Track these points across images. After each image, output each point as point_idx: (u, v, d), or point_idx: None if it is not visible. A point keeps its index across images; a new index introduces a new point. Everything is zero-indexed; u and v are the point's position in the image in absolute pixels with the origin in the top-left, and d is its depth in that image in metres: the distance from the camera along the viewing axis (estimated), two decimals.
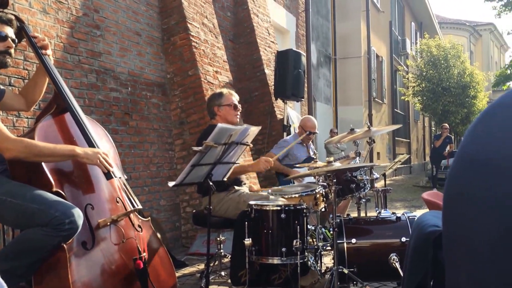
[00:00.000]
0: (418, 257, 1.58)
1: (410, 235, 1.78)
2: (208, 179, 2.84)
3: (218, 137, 2.72)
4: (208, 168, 2.85)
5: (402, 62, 20.39)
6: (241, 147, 2.97)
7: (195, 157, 2.71)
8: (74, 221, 2.34)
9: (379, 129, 3.90)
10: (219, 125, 2.68)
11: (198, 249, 5.21)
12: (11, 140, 2.34)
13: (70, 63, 4.35)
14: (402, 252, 3.31)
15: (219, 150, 2.80)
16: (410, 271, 1.60)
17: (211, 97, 4.05)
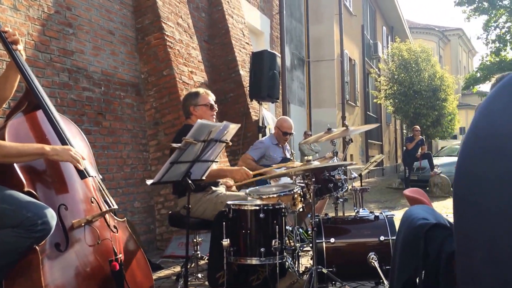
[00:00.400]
0: (409, 250, 1.57)
1: (399, 229, 1.77)
2: (186, 177, 2.78)
3: (198, 133, 2.67)
4: (187, 166, 2.79)
5: (374, 66, 20.66)
6: (220, 145, 2.93)
7: (174, 154, 2.65)
8: (47, 222, 2.26)
9: (357, 129, 3.91)
10: (199, 121, 2.64)
11: (173, 252, 5.13)
12: None
13: (42, 62, 4.23)
14: (381, 251, 3.34)
15: (198, 148, 2.75)
16: (401, 265, 1.58)
17: (187, 97, 3.99)
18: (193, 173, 2.83)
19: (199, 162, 2.85)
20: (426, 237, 1.51)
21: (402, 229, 1.70)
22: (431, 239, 1.48)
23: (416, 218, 1.58)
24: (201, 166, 2.94)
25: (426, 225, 1.50)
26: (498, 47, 19.37)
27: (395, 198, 11.50)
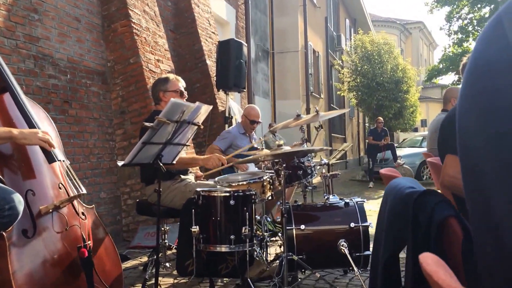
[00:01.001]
0: (397, 221, 1.55)
1: (382, 201, 1.75)
2: (157, 160, 2.74)
3: (171, 112, 2.63)
4: (159, 148, 2.75)
5: (337, 58, 20.86)
6: (191, 127, 2.90)
7: (146, 134, 2.61)
8: (14, 207, 2.20)
9: (328, 114, 3.92)
10: (172, 99, 2.59)
11: (139, 242, 5.08)
12: None
13: (7, 48, 4.09)
14: (351, 238, 3.34)
15: (170, 129, 2.71)
16: (388, 238, 1.57)
17: (156, 82, 3.94)
18: (164, 156, 2.80)
19: (171, 145, 2.82)
20: (415, 205, 1.49)
21: (387, 200, 1.68)
22: (420, 207, 1.45)
23: (404, 187, 1.57)
24: (172, 149, 2.91)
25: (414, 193, 1.48)
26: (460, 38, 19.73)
27: (359, 190, 11.67)
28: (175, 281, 3.78)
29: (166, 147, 2.80)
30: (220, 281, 3.73)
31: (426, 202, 1.45)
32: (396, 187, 1.64)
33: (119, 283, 2.85)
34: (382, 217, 1.69)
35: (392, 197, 1.63)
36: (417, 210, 1.47)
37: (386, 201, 1.69)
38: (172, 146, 2.86)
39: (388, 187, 1.74)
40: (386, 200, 1.71)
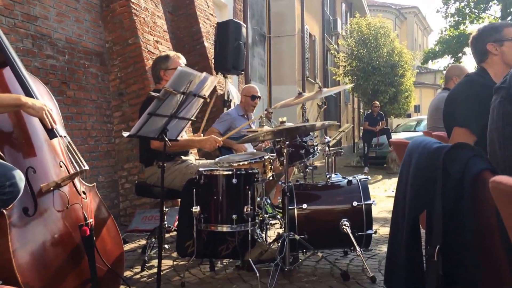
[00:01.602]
0: (424, 178, 1.47)
1: (404, 161, 1.67)
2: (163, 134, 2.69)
3: (178, 82, 2.56)
4: (164, 121, 2.70)
5: (333, 42, 20.72)
6: (197, 100, 2.83)
7: (152, 104, 2.55)
8: (15, 184, 2.15)
9: (330, 90, 3.85)
10: (179, 68, 2.53)
11: (137, 226, 5.05)
12: None
13: (5, 27, 4.00)
14: (353, 217, 3.31)
15: (176, 101, 2.64)
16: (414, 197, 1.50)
17: (156, 60, 3.87)
18: (169, 130, 2.75)
19: (176, 118, 2.76)
20: (445, 159, 1.42)
21: (411, 158, 1.59)
22: (452, 161, 1.39)
23: (431, 142, 1.50)
24: (177, 124, 2.85)
25: (444, 146, 1.42)
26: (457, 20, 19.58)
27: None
28: (174, 262, 3.76)
29: (171, 121, 2.74)
30: (219, 263, 3.71)
31: (458, 156, 1.39)
32: (422, 143, 1.56)
33: (121, 263, 2.83)
34: (405, 177, 1.61)
35: (418, 153, 1.55)
36: (447, 164, 1.40)
37: (410, 160, 1.61)
38: (177, 121, 2.80)
39: (412, 145, 1.66)
40: (410, 158, 1.62)
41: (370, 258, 3.78)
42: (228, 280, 3.30)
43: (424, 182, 1.51)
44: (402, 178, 1.66)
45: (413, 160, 1.59)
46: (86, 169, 2.60)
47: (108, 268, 2.62)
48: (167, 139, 2.71)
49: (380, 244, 4.27)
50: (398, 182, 1.76)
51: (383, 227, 5.14)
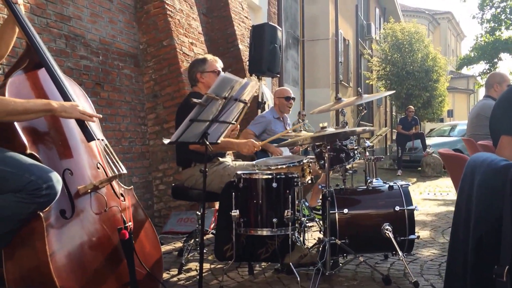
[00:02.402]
0: (491, 193, 1.41)
1: (467, 176, 1.61)
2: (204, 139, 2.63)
3: (220, 88, 2.51)
4: (205, 126, 2.64)
5: (367, 46, 20.53)
6: (238, 105, 2.79)
7: (194, 111, 2.50)
8: (52, 186, 2.10)
9: (371, 96, 3.76)
10: (222, 74, 2.50)
11: (172, 228, 5.01)
12: None
13: (38, 26, 4.00)
14: (395, 222, 3.25)
15: (217, 106, 2.59)
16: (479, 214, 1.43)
17: (193, 63, 3.83)
18: (210, 134, 2.69)
19: (218, 122, 2.70)
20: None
21: (474, 175, 1.53)
22: None
23: (496, 160, 1.43)
24: (218, 127, 2.80)
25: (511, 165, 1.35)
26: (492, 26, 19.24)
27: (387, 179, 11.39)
28: (212, 266, 3.70)
29: (212, 125, 2.68)
30: (258, 266, 3.64)
31: None
32: (486, 160, 1.49)
33: (159, 266, 2.77)
34: (466, 194, 1.53)
35: (482, 171, 1.48)
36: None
37: (472, 177, 1.54)
38: (218, 124, 2.76)
39: (474, 161, 1.59)
40: (472, 175, 1.55)
41: (412, 262, 3.73)
42: (268, 283, 3.25)
43: (491, 200, 1.46)
44: (463, 195, 1.59)
45: (477, 177, 1.52)
46: (125, 172, 2.54)
47: (147, 272, 2.56)
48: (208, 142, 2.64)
49: (421, 248, 4.20)
50: (458, 198, 1.69)
51: (422, 230, 5.04)
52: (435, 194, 8.49)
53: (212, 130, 2.74)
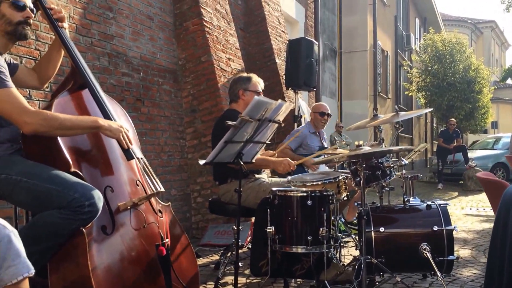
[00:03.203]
0: None
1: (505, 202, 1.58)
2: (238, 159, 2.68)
3: (254, 111, 2.57)
4: (240, 147, 2.69)
5: (406, 57, 20.25)
6: (272, 125, 2.83)
7: (228, 133, 2.55)
8: (94, 204, 2.19)
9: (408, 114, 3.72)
10: (256, 97, 2.56)
11: (209, 241, 5.07)
12: (30, 112, 2.17)
13: (83, 45, 4.18)
14: (434, 242, 3.19)
15: (252, 127, 2.64)
16: None
17: (237, 79, 3.89)
18: (245, 154, 2.73)
19: (252, 143, 2.75)
20: None
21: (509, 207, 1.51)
22: None
23: None
24: (252, 147, 2.85)
25: None
26: None
27: (428, 192, 11.26)
28: (247, 280, 3.73)
29: (246, 145, 2.73)
30: (293, 282, 3.65)
31: None
32: None
33: (196, 281, 2.81)
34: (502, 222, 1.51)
35: None
36: None
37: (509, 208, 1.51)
38: (252, 144, 2.80)
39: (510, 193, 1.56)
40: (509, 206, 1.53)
41: (451, 282, 3.66)
42: None
43: None
44: (499, 225, 1.56)
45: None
46: (162, 190, 2.61)
47: (183, 287, 2.60)
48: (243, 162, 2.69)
49: (461, 268, 4.10)
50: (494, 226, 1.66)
51: (463, 249, 4.90)
52: (477, 209, 8.24)
53: (247, 150, 2.79)
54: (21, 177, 2.19)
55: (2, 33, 2.32)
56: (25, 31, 2.36)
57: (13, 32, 2.33)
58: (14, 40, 2.41)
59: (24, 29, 2.36)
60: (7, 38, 2.35)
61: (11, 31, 2.33)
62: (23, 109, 2.16)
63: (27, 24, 2.37)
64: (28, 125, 2.16)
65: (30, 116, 2.16)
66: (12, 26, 2.32)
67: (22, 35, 2.36)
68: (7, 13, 2.31)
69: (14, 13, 2.32)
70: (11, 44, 2.42)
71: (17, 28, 2.33)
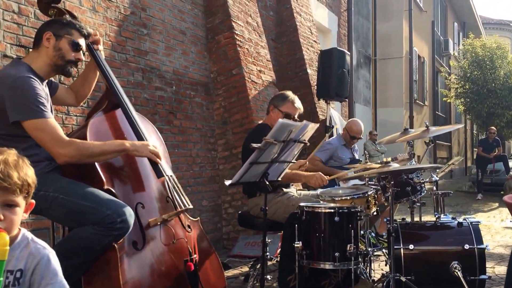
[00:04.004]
0: None
1: None
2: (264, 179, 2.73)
3: (278, 133, 2.62)
4: (265, 167, 2.74)
5: (444, 63, 19.86)
6: (298, 145, 2.87)
7: (253, 155, 2.61)
8: (125, 220, 2.28)
9: (439, 129, 3.68)
10: (280, 120, 2.59)
11: (240, 251, 5.12)
12: (64, 143, 2.30)
13: (118, 62, 4.33)
14: (465, 260, 3.14)
15: (277, 148, 2.69)
16: None
17: (276, 95, 3.95)
18: (270, 173, 2.78)
19: (277, 162, 2.79)
20: None
21: None
22: None
23: None
24: (278, 166, 2.89)
25: None
26: None
27: (466, 202, 10.98)
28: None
29: (272, 165, 2.78)
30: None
31: None
32: None
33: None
34: None
35: None
36: None
37: None
38: (278, 164, 2.84)
39: None
40: None
41: None
42: None
43: None
44: None
45: None
46: (191, 207, 2.68)
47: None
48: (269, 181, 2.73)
49: (496, 286, 3.95)
50: None
51: (498, 265, 4.69)
52: None
53: (273, 169, 2.83)
54: (58, 194, 2.31)
55: (51, 63, 2.46)
56: (71, 69, 2.52)
57: (61, 67, 2.48)
58: (57, 73, 2.58)
59: (71, 68, 2.51)
60: (52, 69, 2.50)
61: (60, 65, 2.48)
62: (58, 139, 2.30)
63: (76, 65, 2.52)
64: (62, 156, 2.30)
65: (63, 147, 2.29)
66: (63, 62, 2.47)
67: (68, 72, 2.52)
68: (64, 48, 2.45)
69: (70, 51, 2.47)
70: (53, 74, 2.57)
71: (66, 65, 2.48)
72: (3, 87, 2.28)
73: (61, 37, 2.45)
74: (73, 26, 2.50)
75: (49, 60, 2.45)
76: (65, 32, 2.46)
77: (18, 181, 1.41)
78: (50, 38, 2.44)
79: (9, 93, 2.26)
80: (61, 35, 2.45)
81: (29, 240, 1.52)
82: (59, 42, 2.45)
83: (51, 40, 2.44)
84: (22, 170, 1.44)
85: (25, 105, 2.26)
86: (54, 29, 2.47)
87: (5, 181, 1.38)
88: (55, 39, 2.44)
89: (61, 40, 2.45)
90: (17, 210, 1.44)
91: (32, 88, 2.29)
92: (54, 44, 2.44)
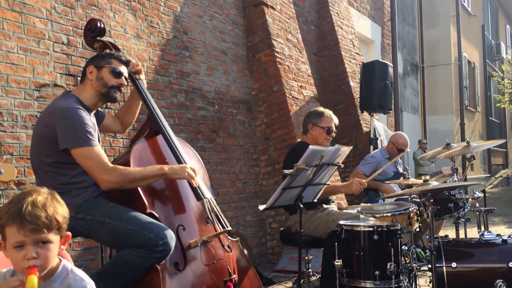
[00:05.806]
0: None
1: None
2: (298, 202, 2.78)
3: (309, 159, 2.66)
4: (299, 190, 2.79)
5: (496, 68, 19.22)
6: (332, 167, 2.90)
7: (285, 180, 2.66)
8: (167, 243, 2.38)
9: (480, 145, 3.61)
10: (310, 147, 2.63)
11: (284, 266, 5.15)
12: (108, 170, 2.44)
13: (161, 84, 4.51)
14: (510, 279, 3.04)
15: (310, 172, 2.73)
16: None
17: (310, 113, 3.97)
18: (304, 196, 2.82)
19: (311, 185, 2.83)
20: None
21: None
22: None
23: None
24: (312, 189, 2.93)
25: None
26: None
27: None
28: None
29: (306, 188, 2.82)
30: None
31: None
32: None
33: None
34: None
35: None
36: None
37: None
38: (313, 186, 2.88)
39: None
40: None
41: None
42: None
43: None
44: None
45: None
46: (230, 229, 2.76)
47: None
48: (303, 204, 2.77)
49: None
50: None
51: None
52: None
53: (307, 192, 2.87)
54: (104, 218, 2.45)
55: (96, 93, 2.63)
56: (116, 94, 2.66)
57: (105, 93, 2.64)
58: (104, 101, 2.73)
59: (116, 93, 2.66)
60: (99, 98, 2.66)
61: (104, 93, 2.63)
62: (103, 166, 2.44)
63: (119, 90, 2.67)
64: (105, 183, 2.44)
65: (107, 173, 2.43)
66: (106, 89, 2.63)
67: (112, 97, 2.66)
68: (105, 77, 2.62)
69: (111, 78, 2.63)
70: (101, 103, 2.72)
71: (109, 91, 2.63)
72: (55, 117, 2.45)
73: (101, 68, 2.62)
74: (111, 56, 2.67)
75: (94, 91, 2.62)
76: (105, 63, 2.64)
77: (46, 220, 1.47)
78: (92, 71, 2.62)
79: (60, 122, 2.44)
80: (101, 65, 2.62)
81: (68, 271, 1.60)
82: (100, 72, 2.62)
83: (93, 72, 2.62)
84: (50, 208, 1.51)
85: (73, 133, 2.42)
86: (95, 62, 2.65)
87: (33, 223, 1.45)
88: (97, 71, 2.62)
89: (102, 70, 2.62)
90: (50, 246, 1.51)
91: (80, 118, 2.46)
92: (96, 75, 2.62)
